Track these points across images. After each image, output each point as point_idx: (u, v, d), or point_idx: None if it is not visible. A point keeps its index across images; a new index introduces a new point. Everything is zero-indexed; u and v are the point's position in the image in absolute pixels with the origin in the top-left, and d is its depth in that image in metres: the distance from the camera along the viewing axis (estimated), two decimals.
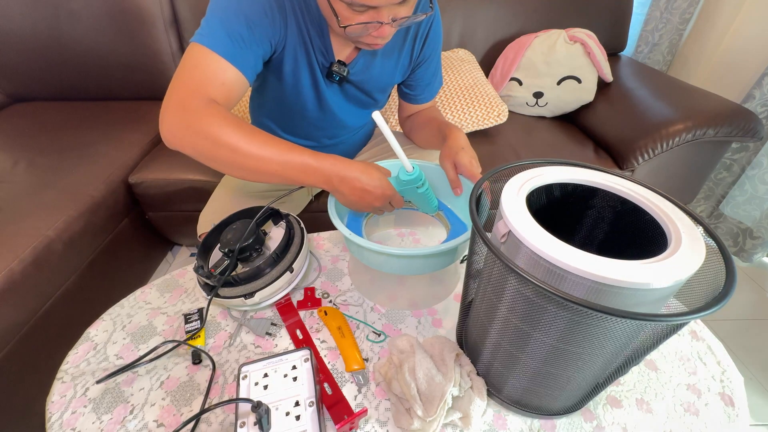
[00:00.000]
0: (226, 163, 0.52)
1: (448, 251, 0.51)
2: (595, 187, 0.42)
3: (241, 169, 0.53)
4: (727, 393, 0.50)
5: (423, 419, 0.42)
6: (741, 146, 1.31)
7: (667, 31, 1.51)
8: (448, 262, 0.56)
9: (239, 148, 0.51)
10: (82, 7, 1.24)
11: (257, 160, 0.51)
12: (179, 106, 0.51)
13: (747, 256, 1.36)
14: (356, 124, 0.82)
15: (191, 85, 0.52)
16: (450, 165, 0.60)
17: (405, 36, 0.70)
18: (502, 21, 1.42)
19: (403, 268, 0.54)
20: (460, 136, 0.65)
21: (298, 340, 0.55)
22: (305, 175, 0.53)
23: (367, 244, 0.50)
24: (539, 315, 0.35)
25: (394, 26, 0.54)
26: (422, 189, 0.58)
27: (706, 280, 0.32)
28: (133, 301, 0.61)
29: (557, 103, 1.35)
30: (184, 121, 0.51)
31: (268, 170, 0.52)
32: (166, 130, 0.52)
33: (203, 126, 0.50)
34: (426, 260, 0.53)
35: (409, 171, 0.56)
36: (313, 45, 0.63)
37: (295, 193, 0.91)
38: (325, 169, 0.53)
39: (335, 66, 0.66)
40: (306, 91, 0.69)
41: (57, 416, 0.46)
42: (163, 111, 0.52)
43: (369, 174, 0.54)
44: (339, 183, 0.53)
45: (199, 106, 0.51)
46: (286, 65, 0.64)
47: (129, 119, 1.28)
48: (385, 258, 0.53)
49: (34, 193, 0.93)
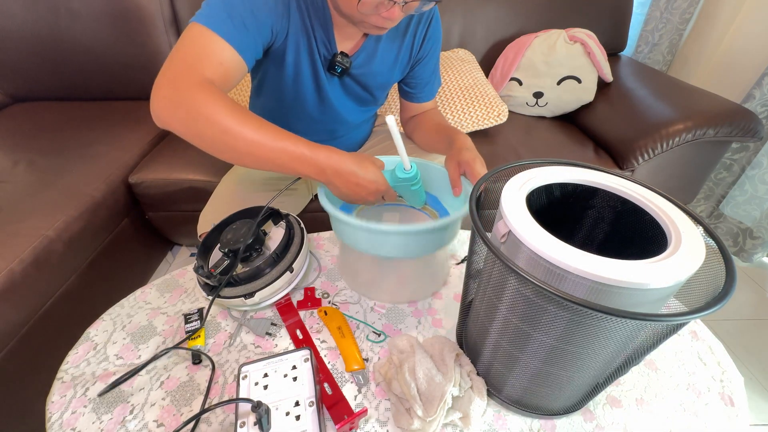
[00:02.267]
0: (216, 144, 0.50)
1: (440, 228, 0.51)
2: (595, 187, 0.42)
3: (232, 152, 0.51)
4: (727, 393, 0.50)
5: (423, 419, 0.42)
6: (741, 146, 1.31)
7: (667, 31, 1.51)
8: (439, 242, 0.56)
9: (231, 130, 0.49)
10: (82, 6, 1.24)
11: (249, 143, 0.49)
12: (173, 81, 0.50)
13: (747, 256, 1.36)
14: (354, 120, 0.82)
15: (187, 62, 0.51)
16: (454, 165, 0.61)
17: (405, 32, 0.71)
18: (502, 21, 1.42)
19: (395, 247, 0.53)
20: (466, 139, 0.66)
21: (298, 340, 0.55)
22: (299, 164, 0.52)
23: (360, 223, 0.50)
24: (539, 315, 0.35)
25: (403, 10, 0.55)
26: (415, 187, 0.59)
27: (706, 280, 0.32)
28: (133, 301, 0.61)
29: (557, 103, 1.35)
30: (177, 97, 0.49)
31: (260, 155, 0.50)
32: (157, 105, 0.50)
33: (196, 104, 0.48)
34: (418, 239, 0.53)
35: (407, 170, 0.56)
36: (316, 36, 0.63)
37: (295, 193, 0.91)
38: (320, 161, 0.52)
39: (338, 57, 0.66)
40: (306, 82, 0.68)
41: (57, 416, 0.46)
42: (156, 86, 0.50)
43: (364, 168, 0.53)
44: (333, 175, 0.53)
45: (193, 83, 0.49)
46: (288, 55, 0.64)
47: (129, 119, 1.28)
48: (377, 237, 0.52)
49: (34, 193, 0.93)
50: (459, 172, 0.60)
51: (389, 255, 0.55)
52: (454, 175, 0.60)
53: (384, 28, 0.59)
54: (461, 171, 0.60)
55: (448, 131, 0.72)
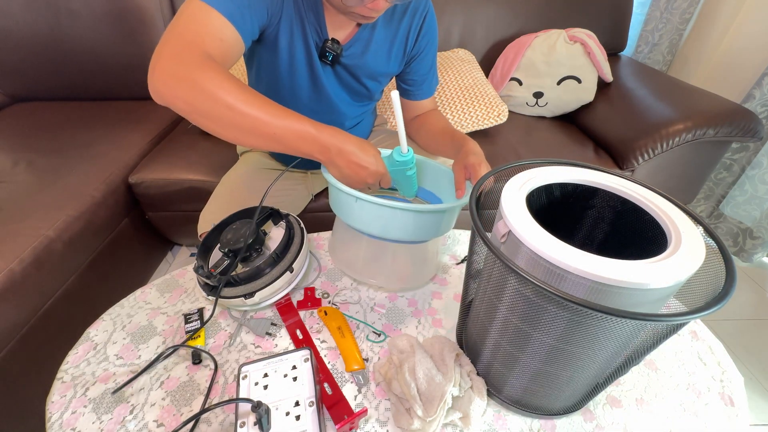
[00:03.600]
0: (220, 120, 0.49)
1: (440, 212, 0.53)
2: (595, 187, 0.42)
3: (236, 129, 0.50)
4: (727, 393, 0.50)
5: (423, 419, 0.42)
6: (741, 146, 1.31)
7: (667, 31, 1.51)
8: (435, 229, 0.57)
9: (236, 106, 0.48)
10: (82, 6, 1.24)
11: (254, 120, 0.49)
12: (174, 56, 0.48)
13: (747, 256, 1.36)
14: (350, 113, 0.82)
15: (188, 37, 0.50)
16: (460, 168, 0.61)
17: (399, 25, 0.72)
18: (502, 21, 1.42)
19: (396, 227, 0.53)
20: (475, 145, 0.66)
21: (298, 340, 0.55)
22: (303, 142, 0.51)
23: (364, 196, 0.50)
24: (539, 315, 0.35)
25: (388, 1, 0.56)
26: (411, 172, 0.60)
27: (706, 280, 0.32)
28: (133, 301, 0.61)
29: (557, 103, 1.35)
30: (180, 72, 0.47)
31: (265, 132, 0.50)
32: (158, 79, 0.48)
33: (200, 79, 0.47)
34: (418, 220, 0.53)
35: (404, 152, 0.58)
36: (308, 22, 0.64)
37: (295, 193, 0.91)
38: (324, 140, 0.52)
39: (329, 43, 0.66)
40: (301, 68, 0.69)
41: (57, 416, 0.46)
42: (156, 60, 0.48)
43: (365, 150, 0.54)
44: (336, 155, 0.53)
45: (196, 58, 0.48)
46: (281, 39, 0.64)
47: (129, 119, 1.28)
48: (380, 212, 0.52)
49: (34, 193, 0.93)
50: (465, 175, 0.61)
51: (387, 236, 0.55)
52: (459, 178, 0.61)
53: (370, 17, 0.60)
54: (467, 175, 0.60)
55: (455, 136, 0.73)
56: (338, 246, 0.67)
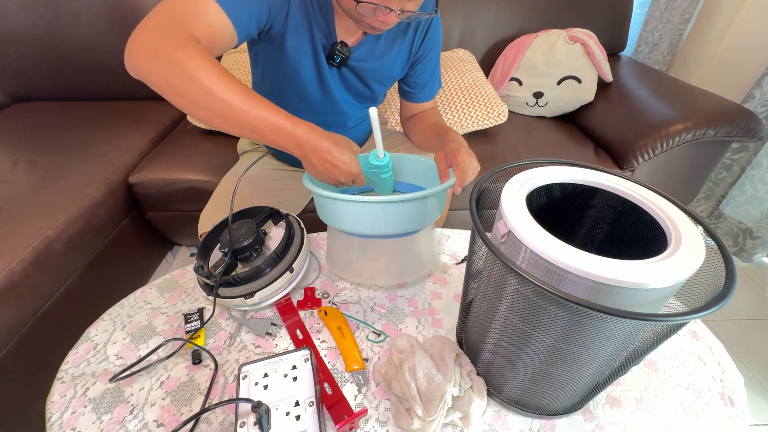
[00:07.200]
0: (196, 103, 0.48)
1: (426, 197, 0.52)
2: (595, 187, 0.42)
3: (211, 113, 0.49)
4: (727, 393, 0.50)
5: (423, 419, 0.42)
6: (741, 146, 1.31)
7: (667, 31, 1.51)
8: (421, 219, 0.56)
9: (214, 91, 0.46)
10: (82, 7, 1.24)
11: (231, 108, 0.47)
12: (156, 31, 0.46)
13: (747, 256, 1.36)
14: (354, 115, 0.82)
15: (175, 15, 0.48)
16: (441, 156, 0.62)
17: (406, 29, 0.72)
18: (502, 21, 1.42)
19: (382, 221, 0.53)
20: (456, 135, 0.67)
21: (298, 340, 0.55)
22: (278, 135, 0.50)
23: (342, 197, 0.51)
24: (539, 315, 0.35)
25: (399, 17, 0.57)
26: (386, 175, 0.61)
27: (706, 280, 0.32)
28: (133, 301, 0.61)
29: (557, 103, 1.34)
30: (160, 48, 0.46)
31: (240, 121, 0.49)
32: (136, 53, 0.46)
33: (180, 58, 0.45)
34: (400, 210, 0.53)
35: (380, 158, 0.58)
36: (317, 24, 0.64)
37: (295, 193, 0.91)
38: (300, 135, 0.51)
39: (338, 46, 0.66)
40: (307, 70, 0.69)
41: (57, 416, 0.46)
42: (137, 32, 0.46)
43: (341, 149, 0.53)
44: (310, 152, 0.52)
45: (179, 37, 0.46)
46: (287, 40, 0.64)
47: (129, 119, 1.28)
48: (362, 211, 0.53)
49: (34, 193, 0.93)
50: (446, 163, 0.61)
51: (375, 232, 0.55)
52: (442, 165, 0.62)
53: (379, 29, 0.61)
54: (448, 162, 0.61)
55: (441, 130, 0.74)
56: (334, 254, 0.66)
